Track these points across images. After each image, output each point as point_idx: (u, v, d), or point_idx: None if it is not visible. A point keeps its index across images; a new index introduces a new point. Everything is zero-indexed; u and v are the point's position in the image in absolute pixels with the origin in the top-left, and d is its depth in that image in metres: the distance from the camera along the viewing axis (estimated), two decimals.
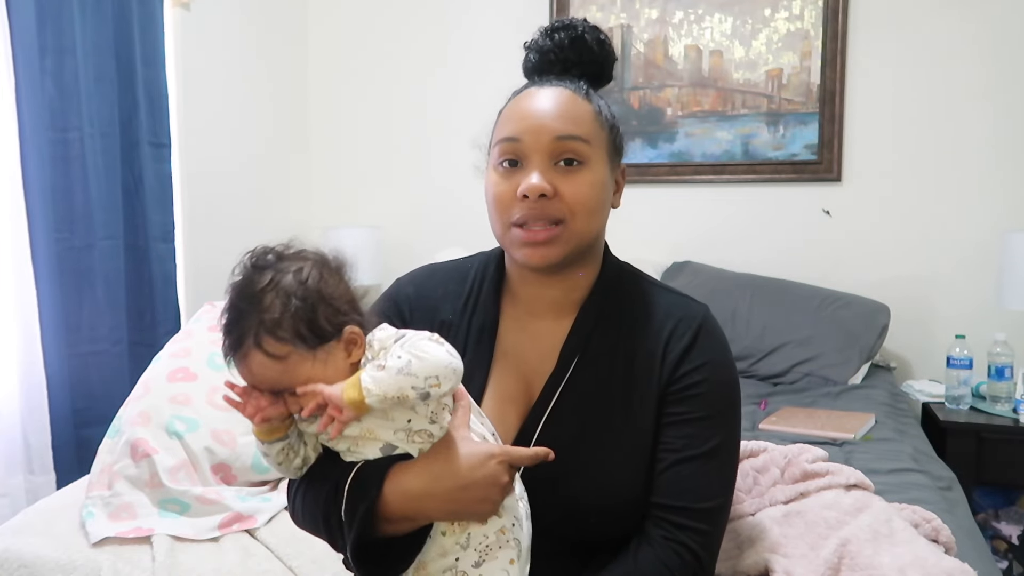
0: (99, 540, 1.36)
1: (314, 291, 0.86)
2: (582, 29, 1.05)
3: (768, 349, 2.60)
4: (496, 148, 1.00)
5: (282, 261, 0.90)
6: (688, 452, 0.96)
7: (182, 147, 2.58)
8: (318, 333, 0.85)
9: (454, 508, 0.87)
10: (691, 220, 3.01)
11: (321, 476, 0.93)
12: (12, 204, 2.02)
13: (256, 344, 0.85)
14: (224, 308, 0.91)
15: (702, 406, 0.98)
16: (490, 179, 1.01)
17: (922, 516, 1.29)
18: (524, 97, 1.01)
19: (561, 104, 0.98)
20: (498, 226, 1.00)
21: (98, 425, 1.80)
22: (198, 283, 2.66)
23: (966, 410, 2.42)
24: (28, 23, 2.00)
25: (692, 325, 1.01)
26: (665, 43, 3.00)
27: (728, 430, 1.00)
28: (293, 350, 0.85)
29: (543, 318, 1.05)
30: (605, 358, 1.01)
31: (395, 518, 0.87)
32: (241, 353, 0.86)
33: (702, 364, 0.99)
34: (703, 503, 0.95)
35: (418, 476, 0.87)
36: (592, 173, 0.97)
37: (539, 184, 0.94)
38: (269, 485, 1.64)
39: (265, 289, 0.86)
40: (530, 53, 1.07)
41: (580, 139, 0.97)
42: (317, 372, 0.85)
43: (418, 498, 0.86)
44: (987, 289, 2.62)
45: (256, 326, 0.85)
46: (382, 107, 3.34)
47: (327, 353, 0.86)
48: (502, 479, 0.87)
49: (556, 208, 0.95)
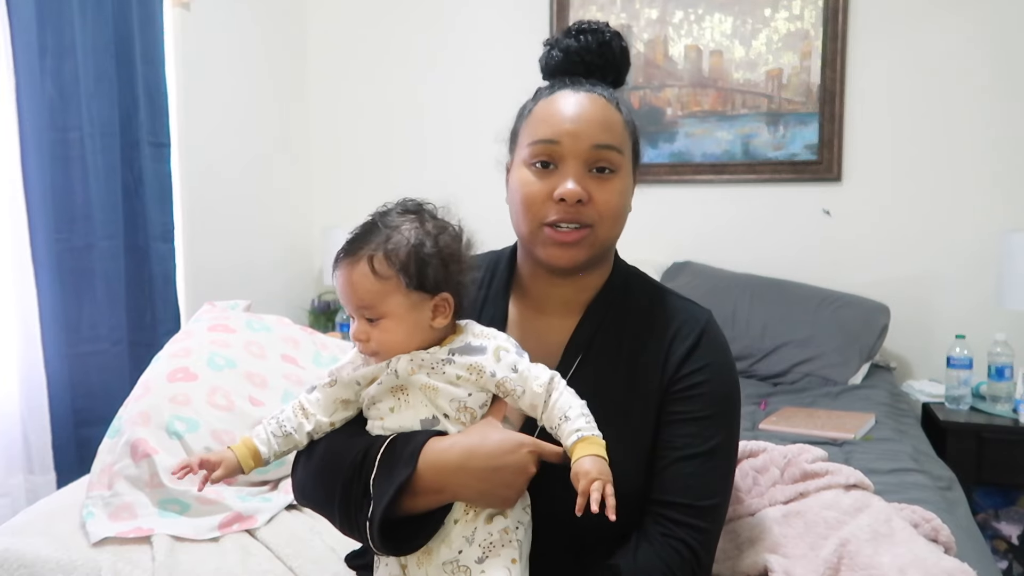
0: (99, 540, 1.36)
1: (437, 249, 0.96)
2: (610, 35, 1.07)
3: (768, 349, 2.61)
4: (530, 147, 1.01)
5: (429, 215, 0.99)
6: (689, 451, 0.98)
7: (182, 147, 2.58)
8: (421, 280, 0.94)
9: (482, 488, 0.90)
10: (691, 220, 3.01)
11: (343, 446, 0.96)
12: (12, 204, 2.02)
13: (369, 257, 0.94)
14: (360, 224, 0.99)
15: (704, 406, 1.00)
16: (521, 177, 1.02)
17: (922, 516, 1.29)
18: (560, 98, 1.02)
19: (598, 111, 1.00)
20: (525, 224, 1.01)
21: (98, 425, 1.79)
22: (198, 283, 2.66)
23: (966, 410, 2.42)
24: (28, 23, 2.00)
25: (696, 328, 1.03)
26: (665, 43, 3.00)
27: (728, 431, 1.02)
28: (395, 278, 0.93)
29: (551, 316, 1.07)
30: (608, 357, 1.03)
31: (425, 490, 0.90)
32: (353, 259, 0.95)
33: (705, 365, 1.01)
34: (702, 501, 0.97)
35: (454, 450, 0.91)
36: (622, 181, 1.01)
37: (577, 190, 0.97)
38: (269, 485, 1.64)
39: (402, 225, 0.96)
40: (554, 51, 1.08)
41: (615, 149, 1.00)
42: (401, 310, 0.94)
43: (452, 471, 0.90)
44: (987, 289, 2.62)
45: (379, 244, 0.94)
46: (382, 107, 3.34)
47: (418, 301, 0.95)
48: (530, 468, 0.91)
49: (587, 214, 0.98)
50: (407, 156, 3.32)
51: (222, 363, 1.74)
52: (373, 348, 0.96)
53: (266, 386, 1.75)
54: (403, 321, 0.94)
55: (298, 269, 3.38)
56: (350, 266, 0.95)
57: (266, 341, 1.87)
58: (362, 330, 0.95)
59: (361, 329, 0.95)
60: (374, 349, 0.96)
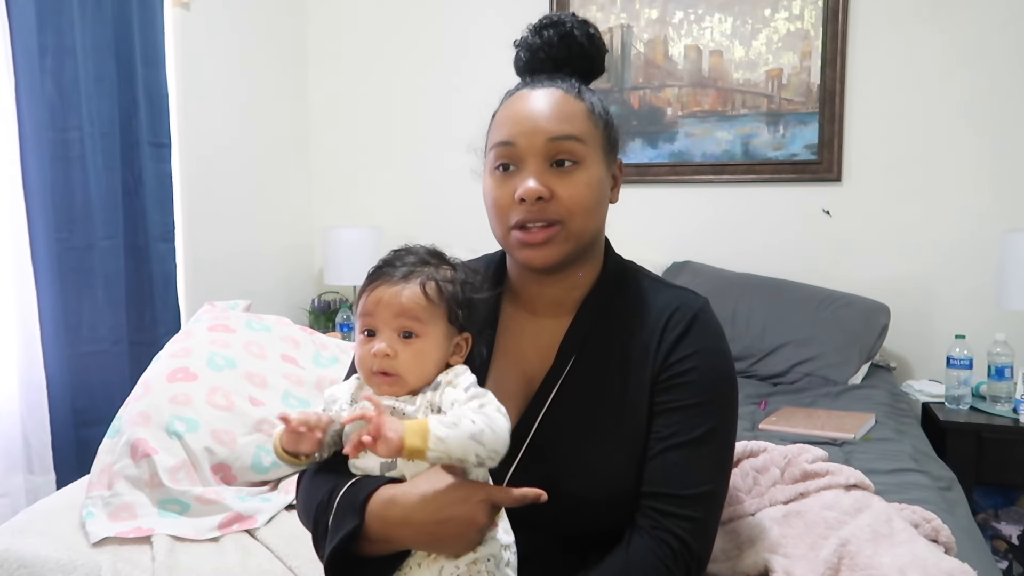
0: (99, 540, 1.36)
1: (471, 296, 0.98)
2: (571, 25, 1.04)
3: (768, 349, 2.60)
4: (491, 152, 1.00)
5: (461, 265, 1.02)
6: (675, 440, 0.96)
7: (182, 147, 2.58)
8: (458, 314, 0.96)
9: (429, 540, 0.88)
10: (691, 220, 3.01)
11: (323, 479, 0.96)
12: (12, 204, 2.02)
13: (423, 281, 0.95)
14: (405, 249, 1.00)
15: (691, 393, 0.97)
16: (487, 184, 1.01)
17: (922, 516, 1.29)
18: (516, 100, 1.01)
19: (553, 105, 0.98)
20: (498, 229, 1.01)
21: (98, 425, 1.79)
22: (198, 283, 2.66)
23: (966, 410, 2.42)
24: (28, 23, 2.00)
25: (687, 315, 1.01)
26: (665, 43, 3.00)
27: (720, 418, 0.99)
28: (440, 306, 0.94)
29: (543, 316, 1.06)
30: (602, 355, 1.02)
31: (375, 539, 0.89)
32: (404, 278, 0.95)
33: (693, 352, 0.98)
34: (689, 490, 0.94)
35: (399, 503, 0.88)
36: (588, 172, 0.98)
37: (535, 188, 0.95)
38: (269, 485, 1.64)
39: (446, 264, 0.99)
40: (520, 51, 1.08)
41: (574, 139, 0.97)
42: (439, 336, 0.94)
43: (396, 524, 0.88)
44: (987, 289, 2.62)
45: (432, 271, 0.96)
46: (382, 107, 3.34)
47: (448, 333, 0.96)
48: (479, 519, 0.87)
49: (553, 210, 0.96)
50: (407, 156, 3.32)
51: (222, 363, 1.74)
52: (396, 367, 0.92)
53: (266, 386, 1.75)
54: (437, 348, 0.94)
55: (298, 269, 3.38)
56: (402, 283, 0.94)
57: (266, 341, 1.87)
58: (391, 346, 0.92)
59: (390, 344, 0.92)
60: (396, 369, 0.92)
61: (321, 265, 3.34)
